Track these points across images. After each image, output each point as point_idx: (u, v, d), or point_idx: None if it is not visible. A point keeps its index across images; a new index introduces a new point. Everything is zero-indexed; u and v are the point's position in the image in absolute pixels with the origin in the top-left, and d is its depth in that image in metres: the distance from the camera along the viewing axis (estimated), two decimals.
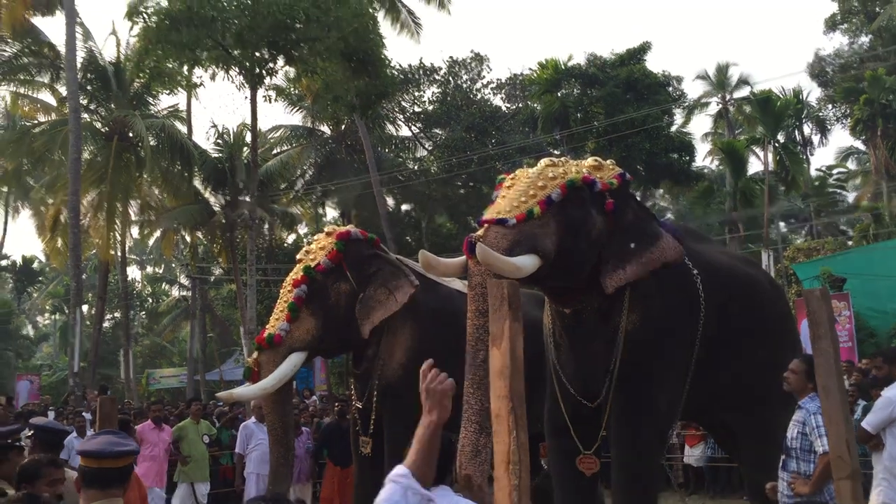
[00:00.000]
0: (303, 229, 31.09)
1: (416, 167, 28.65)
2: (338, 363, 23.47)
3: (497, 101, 31.08)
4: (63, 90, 22.74)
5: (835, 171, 36.74)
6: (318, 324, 7.03)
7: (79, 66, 21.19)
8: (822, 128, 34.66)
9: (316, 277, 7.08)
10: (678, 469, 11.63)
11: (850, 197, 36.09)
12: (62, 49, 20.44)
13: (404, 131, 30.57)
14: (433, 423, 2.39)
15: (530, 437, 5.48)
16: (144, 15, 15.87)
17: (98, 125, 23.69)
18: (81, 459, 2.72)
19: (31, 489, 3.29)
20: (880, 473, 5.40)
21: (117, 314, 33.98)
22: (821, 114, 34.37)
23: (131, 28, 19.18)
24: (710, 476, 11.36)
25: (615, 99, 25.37)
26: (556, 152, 26.79)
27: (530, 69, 29.87)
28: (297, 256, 7.58)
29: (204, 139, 42.55)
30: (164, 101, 25.91)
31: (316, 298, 7.05)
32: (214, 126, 31.11)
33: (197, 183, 24.13)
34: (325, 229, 7.75)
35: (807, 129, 34.77)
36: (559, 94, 27.00)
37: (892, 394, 5.40)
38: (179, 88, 20.65)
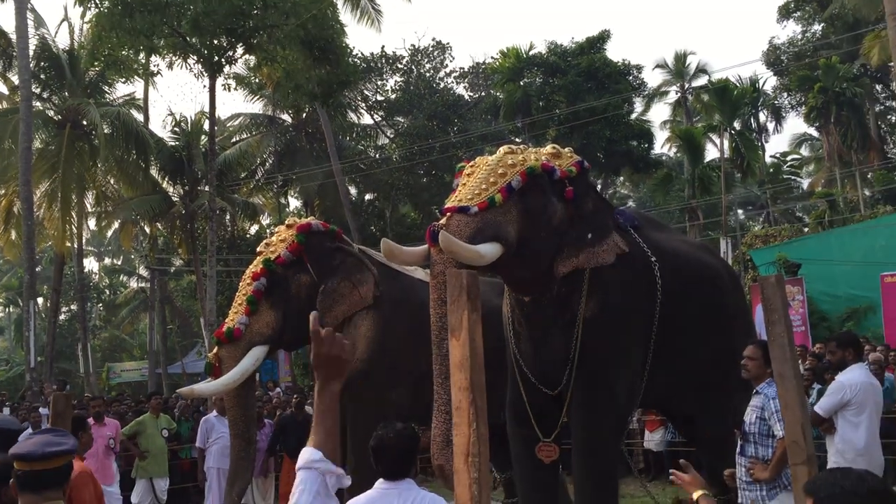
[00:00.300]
0: (266, 220, 30.83)
1: (377, 155, 28.52)
2: (302, 354, 23.33)
3: (460, 89, 31.08)
4: (15, 79, 22.18)
5: (789, 158, 37.37)
6: (278, 316, 6.95)
7: (31, 53, 20.68)
8: (778, 115, 35.23)
9: (276, 270, 6.99)
10: (638, 454, 11.75)
11: (805, 183, 36.75)
12: (13, 37, 19.91)
13: (366, 119, 30.44)
14: (335, 393, 2.16)
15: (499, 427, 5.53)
16: (95, 0, 15.52)
17: (51, 113, 23.17)
18: (14, 462, 2.60)
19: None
20: (833, 457, 5.51)
21: (73, 307, 33.41)
22: (776, 102, 34.90)
23: (83, 14, 18.81)
24: (669, 461, 11.49)
25: (576, 87, 25.52)
26: (517, 140, 26.84)
27: (492, 57, 29.93)
28: (258, 249, 7.47)
29: (161, 128, 41.81)
30: (121, 89, 25.47)
31: (276, 291, 6.97)
32: (171, 114, 30.65)
33: (154, 172, 23.74)
34: (287, 221, 7.65)
35: (762, 116, 35.32)
36: (521, 83, 27.06)
37: (844, 378, 5.50)
38: (136, 77, 20.29)
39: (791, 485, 4.37)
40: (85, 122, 22.23)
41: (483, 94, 31.30)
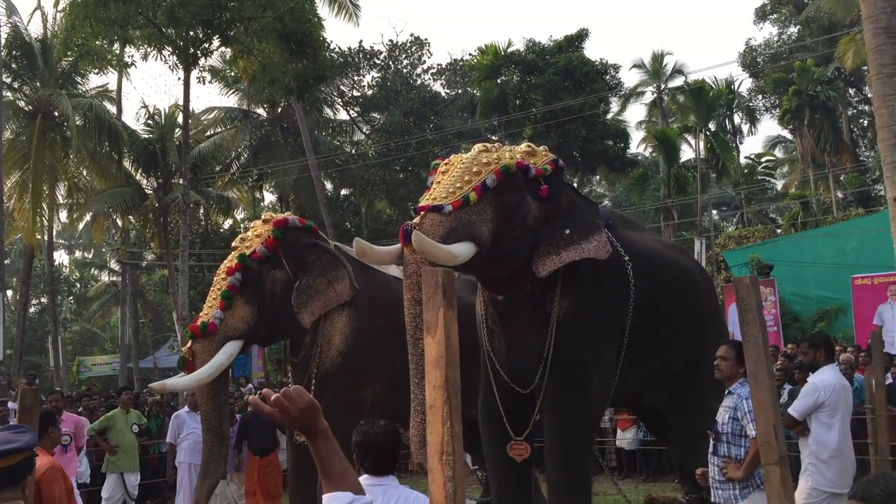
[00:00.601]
0: (240, 214, 30.61)
1: (353, 151, 28.42)
2: (275, 350, 23.22)
3: (437, 86, 31.04)
4: None
5: (763, 160, 37.74)
6: (252, 311, 6.88)
7: (2, 42, 20.36)
8: (752, 117, 35.57)
9: (251, 265, 6.93)
10: (611, 452, 11.80)
11: (779, 185, 37.15)
12: None
13: (342, 115, 30.30)
14: (325, 430, 2.02)
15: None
16: None
17: (22, 104, 22.82)
18: None
19: None
20: (807, 458, 5.55)
21: (44, 300, 32.98)
22: (751, 104, 35.23)
23: (56, 3, 18.53)
24: (642, 459, 11.57)
25: (553, 86, 25.58)
26: (494, 138, 26.86)
27: (470, 54, 29.90)
28: (233, 244, 7.39)
29: (134, 120, 41.39)
30: (94, 80, 25.05)
31: (251, 286, 6.90)
32: (145, 106, 30.37)
33: (127, 164, 23.48)
34: (263, 216, 7.57)
35: (737, 118, 35.65)
36: (498, 81, 27.07)
37: (817, 380, 5.54)
38: (109, 67, 20.02)
39: (763, 484, 4.39)
40: (57, 113, 21.91)
41: (460, 91, 31.28)
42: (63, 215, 27.23)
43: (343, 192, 29.42)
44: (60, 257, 45.63)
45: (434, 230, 4.90)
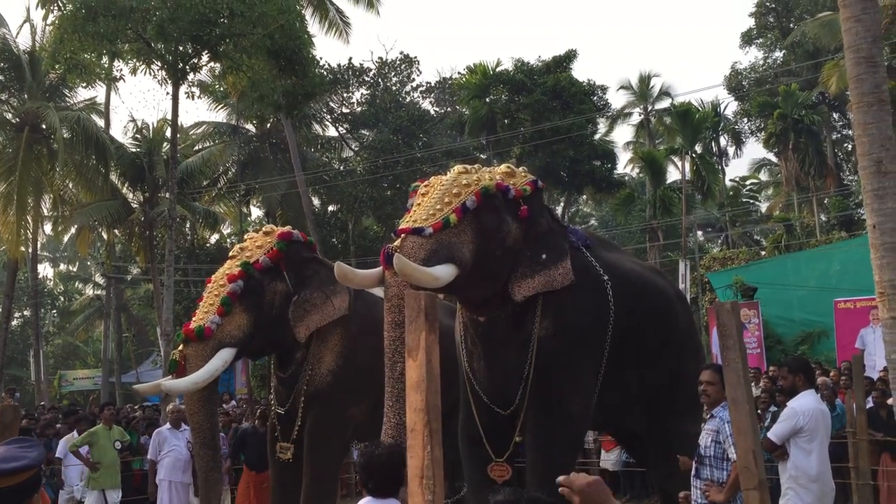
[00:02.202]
0: (227, 229, 30.53)
1: (341, 168, 28.45)
2: (259, 366, 23.08)
3: (426, 104, 31.14)
4: None
5: (748, 182, 38.03)
6: (249, 321, 6.85)
7: None
8: (738, 140, 35.87)
9: (253, 274, 6.93)
10: (595, 474, 11.79)
11: (763, 207, 37.42)
12: None
13: (331, 131, 30.36)
14: None
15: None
16: (60, 2, 15.29)
17: (9, 116, 22.73)
18: None
19: None
20: (786, 483, 5.58)
21: (27, 312, 32.72)
22: (736, 126, 35.55)
23: (45, 16, 18.52)
24: (625, 480, 11.56)
25: (542, 106, 25.72)
26: (482, 156, 26.98)
27: (459, 73, 30.04)
28: (231, 253, 7.39)
29: (122, 134, 41.27)
30: (82, 93, 25.00)
31: (251, 295, 6.89)
32: (133, 120, 30.28)
33: (114, 178, 23.41)
34: (264, 228, 7.58)
35: (723, 140, 35.93)
36: (487, 100, 27.22)
37: (796, 405, 5.57)
38: (97, 81, 19.99)
39: None
40: (44, 126, 21.82)
41: (449, 109, 31.41)
42: (48, 228, 27.10)
43: (330, 208, 29.42)
44: (45, 270, 45.37)
45: (415, 253, 4.91)
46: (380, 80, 29.33)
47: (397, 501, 3.36)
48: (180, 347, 6.80)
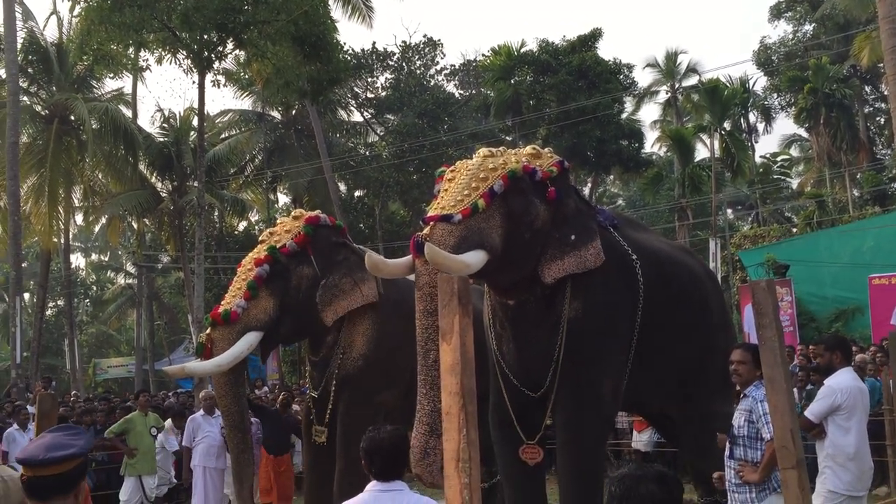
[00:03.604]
0: (254, 216, 30.74)
1: (367, 153, 28.49)
2: (290, 351, 23.29)
3: (450, 87, 31.03)
4: (2, 72, 22.02)
5: (779, 159, 37.50)
6: (276, 304, 6.88)
7: (19, 47, 20.53)
8: (767, 116, 35.32)
9: (280, 259, 6.95)
10: (628, 454, 11.75)
11: (794, 184, 36.90)
12: (1, 30, 19.76)
13: (356, 117, 30.37)
14: None
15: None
16: None
17: (38, 108, 23.01)
18: (22, 468, 2.41)
19: None
20: (824, 462, 5.51)
21: (60, 302, 33.23)
22: (766, 102, 35.00)
23: (72, 7, 18.68)
24: (658, 461, 11.51)
25: (567, 86, 25.51)
26: (508, 139, 26.86)
27: (483, 55, 29.88)
28: (260, 238, 7.44)
29: (149, 123, 41.67)
30: (109, 84, 25.24)
31: (277, 279, 6.91)
32: (160, 110, 30.51)
33: (142, 168, 23.65)
34: (293, 213, 7.60)
35: (752, 116, 35.41)
36: (512, 82, 27.05)
37: (833, 382, 5.50)
38: (124, 71, 20.16)
39: (780, 487, 4.37)
40: (73, 117, 22.10)
41: (473, 91, 31.27)
42: (79, 218, 27.46)
43: (357, 193, 29.49)
44: (77, 260, 45.99)
45: (445, 240, 4.88)
46: (404, 63, 29.26)
47: (403, 483, 3.38)
48: (208, 331, 6.87)
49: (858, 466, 5.42)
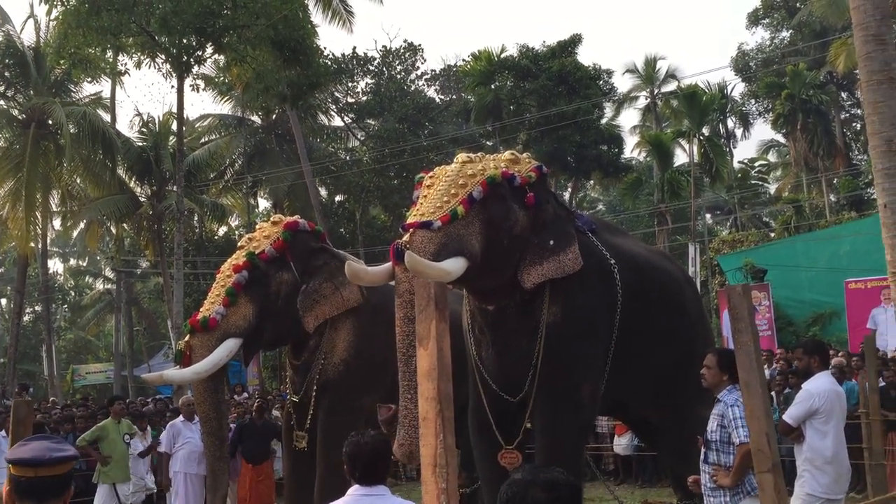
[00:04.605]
0: (234, 221, 30.59)
1: (348, 157, 28.44)
2: (271, 357, 23.17)
3: (431, 92, 31.06)
4: None
5: (757, 164, 37.82)
6: (255, 311, 6.86)
7: None
8: (745, 121, 35.64)
9: (259, 265, 6.93)
10: (609, 458, 11.80)
11: (772, 189, 37.21)
12: None
13: (336, 121, 30.31)
14: None
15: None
16: None
17: (15, 112, 22.78)
18: (13, 468, 2.44)
19: None
20: (802, 465, 5.55)
21: (38, 308, 32.89)
22: (744, 108, 35.31)
23: (49, 11, 18.54)
24: (638, 465, 11.57)
25: (547, 92, 25.63)
26: (488, 143, 26.91)
27: (464, 60, 29.94)
28: (239, 243, 7.42)
29: (128, 128, 41.38)
30: (87, 88, 25.05)
31: (256, 286, 6.89)
32: (139, 114, 30.23)
33: (121, 172, 23.46)
34: (272, 218, 7.59)
35: (730, 122, 35.72)
36: (493, 87, 27.12)
37: (811, 386, 5.54)
38: (102, 75, 20.01)
39: (755, 490, 4.40)
40: (50, 122, 21.90)
41: (454, 96, 31.31)
42: (57, 223, 27.23)
43: (337, 198, 29.42)
44: (55, 265, 45.54)
45: (425, 247, 4.89)
46: (384, 68, 29.25)
47: (385, 488, 3.40)
48: (187, 338, 6.83)
49: (836, 470, 5.46)
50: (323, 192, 28.60)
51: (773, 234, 26.14)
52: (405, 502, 3.35)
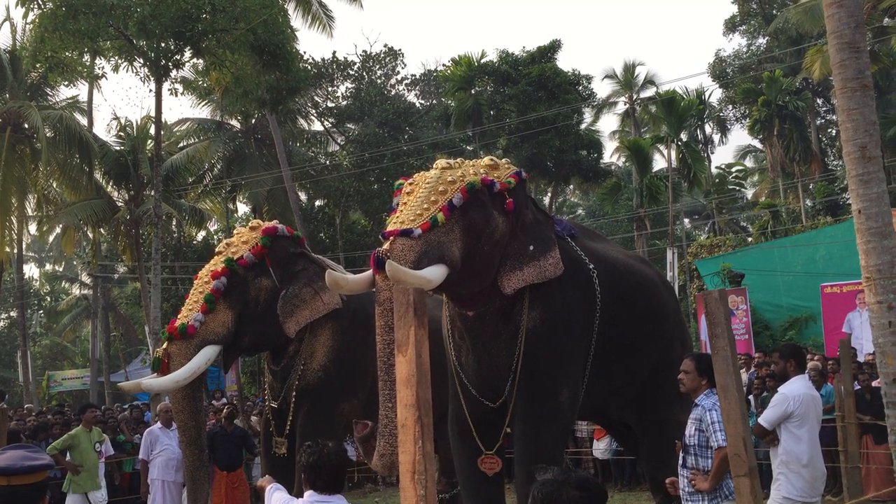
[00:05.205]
0: (213, 226, 30.40)
1: (328, 162, 28.37)
2: (249, 363, 23.02)
3: (411, 97, 31.06)
4: None
5: (734, 169, 38.17)
6: (234, 317, 6.83)
7: None
8: (723, 127, 36.00)
9: (237, 271, 6.89)
10: (588, 462, 11.83)
11: (749, 194, 37.58)
12: None
13: (316, 126, 30.23)
14: None
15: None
16: (39, 0, 15.14)
17: None
18: None
19: None
20: (778, 468, 5.61)
21: (13, 313, 32.52)
22: (721, 114, 35.65)
23: (25, 14, 18.36)
24: (616, 469, 11.61)
25: (527, 97, 25.71)
26: (468, 148, 26.95)
27: (444, 65, 29.98)
28: (217, 248, 7.38)
29: (105, 132, 41.03)
30: (64, 92, 24.83)
31: (235, 292, 6.87)
32: (116, 118, 29.98)
33: (98, 177, 23.26)
34: (250, 223, 7.55)
35: (708, 128, 36.04)
36: (472, 92, 27.18)
37: (787, 390, 5.60)
38: (79, 79, 19.84)
39: (732, 495, 4.43)
40: (26, 125, 21.67)
41: (434, 101, 31.33)
42: (33, 228, 26.92)
43: (317, 203, 29.31)
44: (30, 270, 45.09)
45: (405, 256, 4.89)
46: (364, 73, 29.22)
47: (342, 498, 3.49)
48: (164, 345, 6.77)
49: (811, 473, 5.52)
50: (302, 196, 28.50)
51: (750, 239, 26.37)
52: None
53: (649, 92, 33.64)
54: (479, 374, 5.58)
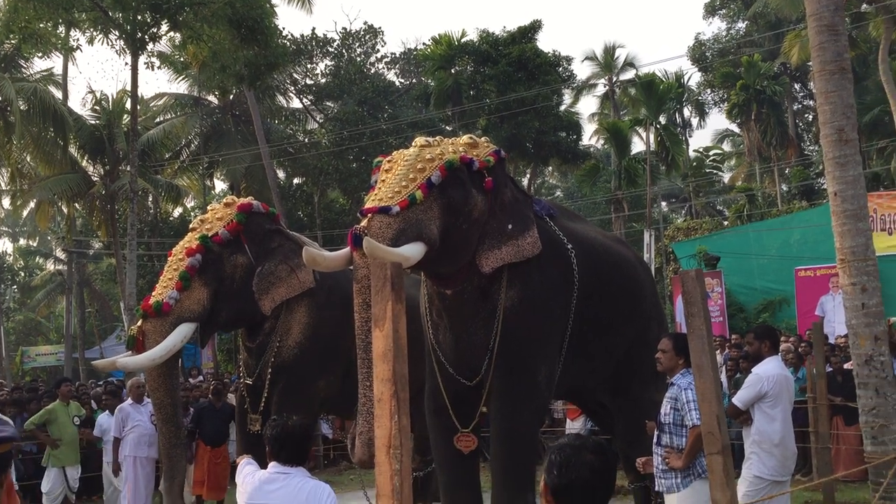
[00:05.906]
0: (190, 202, 30.15)
1: (306, 140, 28.19)
2: (226, 340, 22.96)
3: (391, 75, 30.87)
4: None
5: (711, 153, 38.40)
6: (209, 295, 6.78)
7: None
8: (701, 111, 36.14)
9: (212, 247, 6.82)
10: None
11: (726, 177, 37.82)
12: None
13: (295, 103, 30.00)
14: None
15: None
16: None
17: None
18: None
19: None
20: (750, 448, 5.68)
21: None
22: (700, 97, 35.78)
23: None
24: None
25: (507, 77, 25.65)
26: (447, 128, 26.87)
27: (424, 44, 29.81)
28: (191, 225, 7.29)
29: (80, 105, 40.54)
30: (38, 64, 24.45)
31: (210, 269, 6.79)
32: (92, 92, 29.45)
33: (73, 151, 22.95)
34: (225, 200, 7.47)
35: (686, 111, 36.17)
36: (452, 71, 27.06)
37: (761, 371, 5.66)
38: (54, 51, 19.51)
39: (705, 472, 4.49)
40: (0, 98, 21.31)
41: (414, 80, 31.17)
42: (6, 202, 26.59)
43: (295, 180, 29.16)
44: (4, 245, 44.54)
45: (383, 233, 4.87)
46: (344, 51, 29.00)
47: (304, 470, 3.58)
48: (139, 323, 6.71)
49: (783, 453, 5.60)
50: (281, 174, 28.32)
51: (726, 223, 26.56)
52: (320, 484, 3.57)
53: (629, 74, 33.70)
54: (457, 352, 5.58)
